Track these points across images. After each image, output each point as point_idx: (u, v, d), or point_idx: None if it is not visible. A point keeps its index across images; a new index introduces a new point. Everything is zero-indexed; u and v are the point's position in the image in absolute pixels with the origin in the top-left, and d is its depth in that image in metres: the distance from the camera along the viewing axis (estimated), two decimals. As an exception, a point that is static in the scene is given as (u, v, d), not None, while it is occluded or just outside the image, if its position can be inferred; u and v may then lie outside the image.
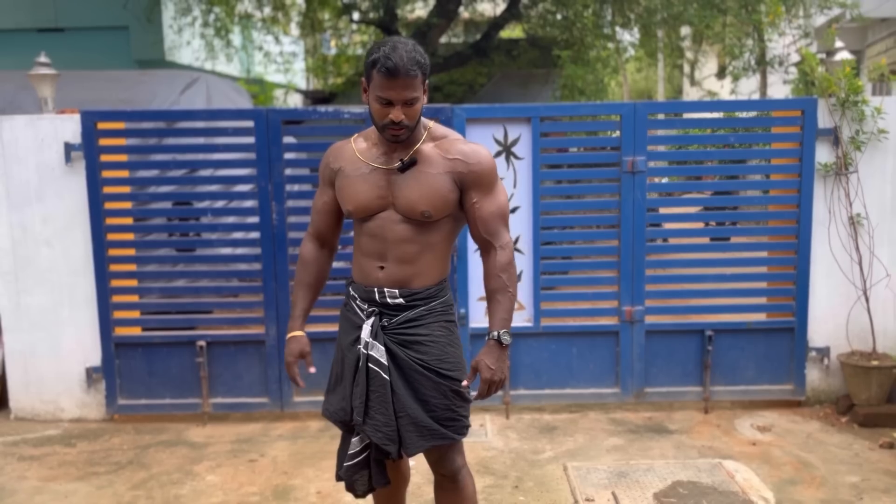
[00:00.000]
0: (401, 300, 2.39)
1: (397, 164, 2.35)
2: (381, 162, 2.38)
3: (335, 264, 4.92)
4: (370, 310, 2.42)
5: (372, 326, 2.39)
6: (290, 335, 2.57)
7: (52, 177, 4.45)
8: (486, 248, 2.45)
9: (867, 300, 4.46)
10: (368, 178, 2.38)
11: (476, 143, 2.45)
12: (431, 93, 12.74)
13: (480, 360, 2.37)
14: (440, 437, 2.41)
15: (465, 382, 2.42)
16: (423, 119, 2.38)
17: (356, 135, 2.51)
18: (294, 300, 2.58)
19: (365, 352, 2.39)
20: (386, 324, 2.41)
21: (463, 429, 2.46)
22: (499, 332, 2.36)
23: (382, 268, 2.39)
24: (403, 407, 2.38)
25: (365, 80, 2.31)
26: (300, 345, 2.55)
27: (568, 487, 3.62)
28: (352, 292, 2.50)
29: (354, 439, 2.47)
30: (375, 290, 2.41)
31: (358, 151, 2.43)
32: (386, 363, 2.38)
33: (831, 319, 4.55)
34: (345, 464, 2.51)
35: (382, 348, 2.38)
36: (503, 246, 2.42)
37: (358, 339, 2.42)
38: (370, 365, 2.39)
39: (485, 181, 2.38)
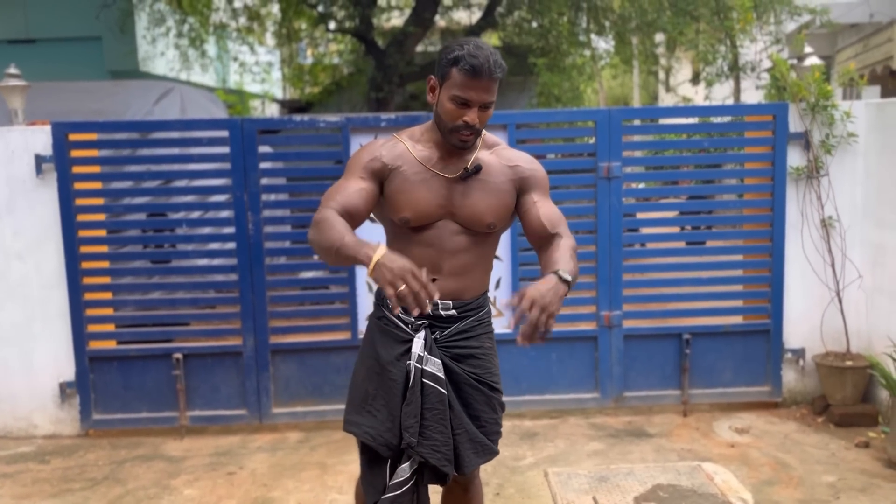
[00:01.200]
0: (453, 312, 2.31)
1: (461, 172, 2.25)
2: (440, 168, 2.26)
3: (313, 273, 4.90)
4: (419, 322, 2.29)
5: (425, 340, 2.27)
6: (378, 254, 1.93)
7: (22, 189, 4.39)
8: (550, 240, 2.27)
9: (840, 301, 4.52)
10: (430, 185, 2.24)
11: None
12: (408, 101, 12.79)
13: (530, 286, 2.02)
14: (490, 452, 2.35)
15: (508, 301, 2.20)
16: None
17: (400, 134, 2.34)
18: (339, 236, 2.04)
19: (419, 366, 2.24)
20: (437, 336, 2.30)
21: (499, 440, 2.41)
22: (559, 269, 2.06)
23: (435, 279, 2.25)
24: (461, 423, 2.28)
25: (436, 78, 2.20)
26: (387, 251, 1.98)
27: (549, 493, 3.62)
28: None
29: (404, 465, 2.26)
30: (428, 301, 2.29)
31: (416, 154, 2.28)
32: (443, 377, 2.26)
33: (806, 321, 4.60)
34: (388, 494, 2.27)
35: (439, 362, 2.26)
36: (569, 236, 2.29)
37: (405, 353, 2.27)
38: (425, 380, 2.25)
39: (543, 183, 2.36)
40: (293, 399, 4.55)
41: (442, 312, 2.30)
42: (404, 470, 2.26)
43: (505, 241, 4.47)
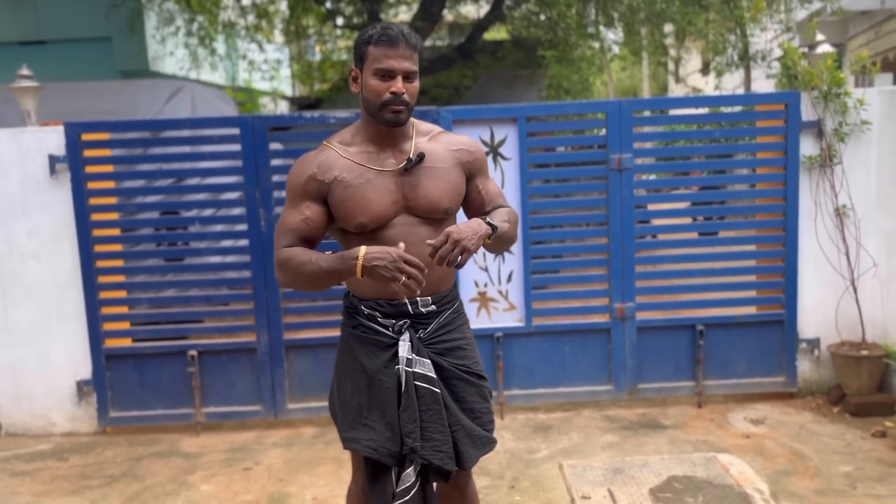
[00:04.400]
0: (433, 307, 2.27)
1: (404, 163, 2.21)
2: (380, 164, 2.22)
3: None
4: (401, 324, 2.25)
5: (411, 342, 2.23)
6: (361, 257, 2.06)
7: (36, 190, 4.42)
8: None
9: (855, 290, 4.49)
10: (376, 184, 2.19)
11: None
12: (420, 96, 12.82)
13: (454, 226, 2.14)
14: (489, 442, 2.33)
15: (430, 241, 2.11)
16: None
17: (329, 141, 2.29)
18: (316, 265, 2.14)
19: (409, 370, 2.20)
20: (421, 335, 2.26)
21: (494, 429, 2.40)
22: (487, 217, 2.21)
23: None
24: (457, 419, 2.26)
25: (356, 65, 2.19)
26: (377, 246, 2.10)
27: (564, 486, 3.62)
28: (367, 310, 2.27)
29: (408, 470, 2.23)
30: (407, 301, 2.23)
31: (350, 157, 2.22)
32: (435, 377, 2.23)
33: (820, 310, 4.57)
34: (397, 502, 2.23)
35: (429, 362, 2.23)
36: (508, 206, 2.39)
37: (392, 359, 2.23)
38: (417, 383, 2.21)
39: (485, 166, 2.40)
40: (308, 394, 4.57)
41: (422, 309, 2.26)
42: (409, 475, 2.23)
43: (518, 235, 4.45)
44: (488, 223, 2.16)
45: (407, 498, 2.23)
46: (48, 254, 4.46)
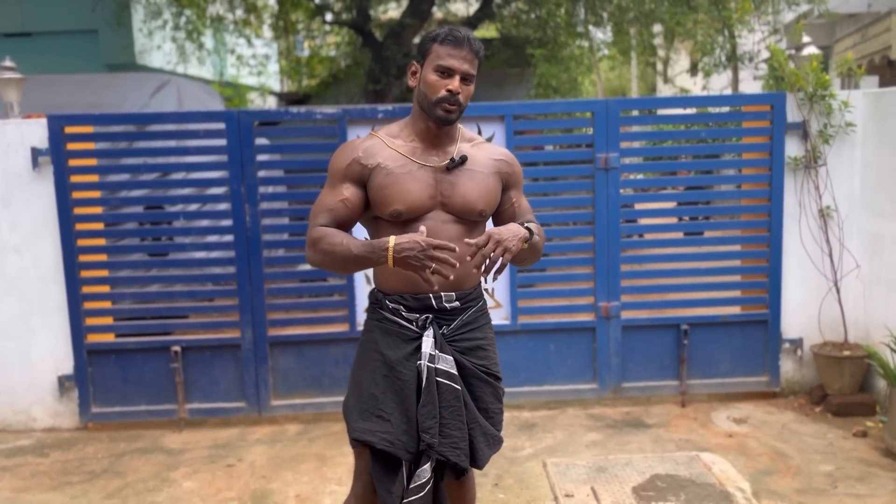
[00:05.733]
0: (457, 303, 2.30)
1: (447, 161, 2.27)
2: (424, 159, 2.27)
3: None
4: (424, 318, 2.27)
5: (435, 337, 2.25)
6: (391, 245, 2.09)
7: (19, 182, 4.38)
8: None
9: (838, 291, 4.52)
10: (417, 176, 2.25)
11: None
12: (406, 93, 12.79)
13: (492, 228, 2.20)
14: (498, 442, 2.36)
15: (470, 241, 2.13)
16: None
17: (377, 131, 2.35)
18: (346, 248, 2.16)
19: (431, 365, 2.22)
20: (444, 331, 2.28)
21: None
22: (523, 222, 2.28)
23: (435, 272, 2.18)
24: (474, 417, 2.28)
25: (418, 60, 2.26)
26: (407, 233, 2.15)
27: (547, 484, 3.63)
28: (391, 304, 2.30)
29: (424, 466, 2.23)
30: (431, 296, 2.26)
31: (396, 148, 2.28)
32: (456, 374, 2.25)
33: (804, 311, 4.60)
34: (411, 498, 2.23)
35: (451, 359, 2.25)
36: (536, 222, 2.43)
37: (414, 352, 2.25)
38: (439, 379, 2.22)
39: (521, 181, 2.47)
40: (292, 391, 4.55)
41: (447, 305, 2.29)
42: (425, 471, 2.23)
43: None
44: (525, 227, 2.23)
45: (421, 494, 2.23)
46: (30, 248, 4.41)
